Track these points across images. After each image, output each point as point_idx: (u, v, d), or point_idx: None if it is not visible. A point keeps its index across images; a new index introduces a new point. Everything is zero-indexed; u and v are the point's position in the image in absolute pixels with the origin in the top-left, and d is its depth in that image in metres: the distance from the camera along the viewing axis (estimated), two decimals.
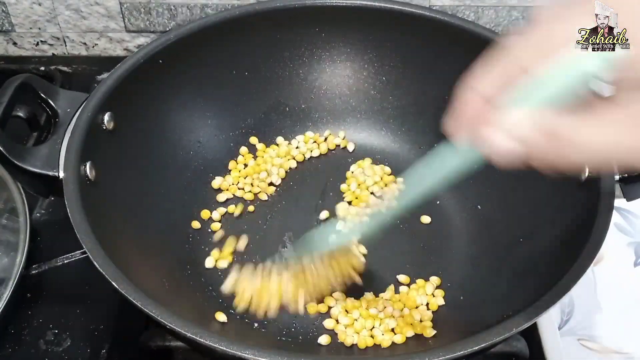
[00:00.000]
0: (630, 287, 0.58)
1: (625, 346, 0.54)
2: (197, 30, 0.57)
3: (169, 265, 0.52)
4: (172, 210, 0.56)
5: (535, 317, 0.39)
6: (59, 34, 0.75)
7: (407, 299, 0.52)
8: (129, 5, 0.72)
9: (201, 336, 0.38)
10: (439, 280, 0.54)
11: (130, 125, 0.53)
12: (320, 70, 0.63)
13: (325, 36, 0.62)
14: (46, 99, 0.50)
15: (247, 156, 0.62)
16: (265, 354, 0.37)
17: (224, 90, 0.61)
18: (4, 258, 0.52)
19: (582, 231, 0.44)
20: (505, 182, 0.56)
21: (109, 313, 0.51)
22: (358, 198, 0.59)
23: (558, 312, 0.55)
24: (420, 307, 0.52)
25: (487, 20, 0.73)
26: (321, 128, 0.64)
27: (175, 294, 0.49)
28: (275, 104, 0.63)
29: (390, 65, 0.62)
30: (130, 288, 0.40)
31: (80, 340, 0.49)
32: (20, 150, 0.46)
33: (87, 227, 0.43)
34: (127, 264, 0.43)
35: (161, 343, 0.49)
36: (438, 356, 0.37)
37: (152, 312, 0.39)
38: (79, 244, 0.42)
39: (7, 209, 0.54)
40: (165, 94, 0.57)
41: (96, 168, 0.48)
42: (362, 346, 0.49)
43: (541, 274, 0.46)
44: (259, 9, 0.59)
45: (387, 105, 0.63)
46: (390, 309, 0.51)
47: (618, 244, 0.60)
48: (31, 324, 0.50)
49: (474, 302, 0.52)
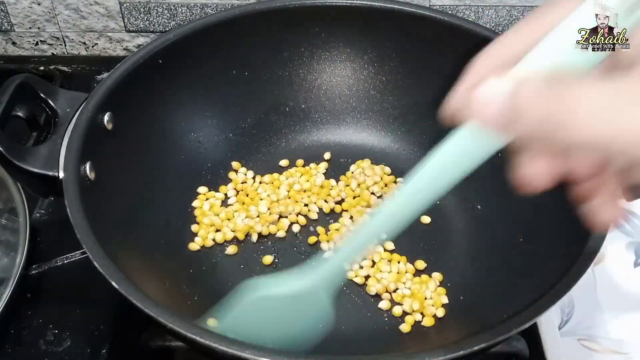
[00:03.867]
0: (630, 287, 0.58)
1: (625, 346, 0.54)
2: (197, 30, 0.57)
3: (169, 265, 0.52)
4: (172, 210, 0.56)
5: (535, 317, 0.39)
6: (59, 33, 0.75)
7: (413, 292, 0.53)
8: (129, 5, 0.72)
9: (201, 336, 0.38)
10: (441, 277, 0.54)
11: (130, 125, 0.53)
12: (320, 70, 0.63)
13: (325, 36, 0.62)
14: (46, 99, 0.50)
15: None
16: (265, 354, 0.37)
17: (224, 90, 0.61)
18: (4, 258, 0.52)
19: (582, 231, 0.44)
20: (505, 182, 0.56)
21: (109, 313, 0.51)
22: (359, 197, 0.59)
23: (558, 312, 0.55)
24: (427, 300, 0.53)
25: (487, 20, 0.73)
26: (321, 128, 0.64)
27: (176, 294, 0.49)
28: (275, 104, 0.63)
29: (390, 65, 0.62)
30: (130, 288, 0.40)
31: (80, 340, 0.49)
32: (20, 150, 0.46)
33: (87, 227, 0.43)
34: (127, 263, 0.43)
35: (161, 343, 0.48)
36: (438, 356, 0.37)
37: (152, 312, 0.39)
38: (79, 244, 0.42)
39: (7, 209, 0.54)
40: (165, 94, 0.57)
41: (96, 168, 0.48)
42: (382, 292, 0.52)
43: (541, 274, 0.46)
44: (259, 9, 0.59)
45: (387, 105, 0.63)
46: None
47: (618, 244, 0.60)
48: (31, 324, 0.50)
49: (474, 302, 0.52)
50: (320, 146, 0.64)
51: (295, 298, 0.41)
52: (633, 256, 0.60)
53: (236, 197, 0.60)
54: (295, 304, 0.41)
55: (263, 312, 0.41)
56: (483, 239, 0.56)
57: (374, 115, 0.64)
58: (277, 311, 0.41)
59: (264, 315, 0.41)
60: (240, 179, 0.61)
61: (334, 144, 0.64)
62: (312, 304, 0.41)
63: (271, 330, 0.42)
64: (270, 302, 0.41)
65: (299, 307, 0.41)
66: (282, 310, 0.41)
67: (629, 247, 0.61)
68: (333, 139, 0.64)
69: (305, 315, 0.42)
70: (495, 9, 0.72)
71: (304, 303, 0.41)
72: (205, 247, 0.56)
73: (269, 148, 0.63)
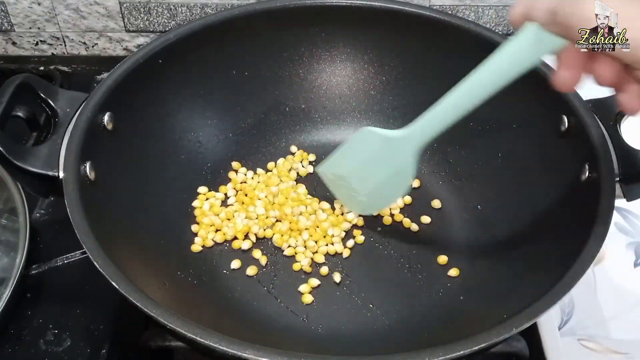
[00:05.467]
0: (630, 287, 0.58)
1: (625, 346, 0.54)
2: (197, 30, 0.57)
3: (169, 265, 0.52)
4: (172, 210, 0.56)
5: (535, 317, 0.39)
6: (59, 33, 0.75)
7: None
8: (129, 5, 0.72)
9: (201, 336, 0.38)
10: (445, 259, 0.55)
11: (130, 125, 0.53)
12: (320, 70, 0.63)
13: (325, 36, 0.62)
14: (46, 99, 0.50)
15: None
16: (265, 354, 0.37)
17: (224, 90, 0.61)
18: (4, 258, 0.52)
19: (582, 231, 0.44)
20: (505, 182, 0.57)
21: (109, 313, 0.51)
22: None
23: (558, 312, 0.55)
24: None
25: (487, 20, 0.73)
26: (321, 128, 0.64)
27: (175, 294, 0.49)
28: (275, 104, 0.63)
29: (390, 65, 0.62)
30: (130, 288, 0.40)
31: (80, 340, 0.49)
32: (20, 150, 0.46)
33: (87, 227, 0.43)
34: (127, 264, 0.43)
35: (161, 343, 0.49)
36: (438, 356, 0.37)
37: (152, 312, 0.39)
38: (79, 244, 0.42)
39: (7, 209, 0.54)
40: (165, 94, 0.57)
41: (96, 168, 0.48)
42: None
43: (541, 274, 0.46)
44: (259, 9, 0.59)
45: (387, 105, 0.63)
46: None
47: (618, 244, 0.60)
48: (31, 324, 0.50)
49: (473, 302, 0.52)
50: (321, 146, 0.64)
51: (387, 149, 0.51)
52: (633, 256, 0.60)
53: (235, 197, 0.60)
54: (386, 156, 0.52)
55: (360, 154, 0.54)
56: (483, 239, 0.56)
57: (374, 115, 0.64)
58: (370, 157, 0.53)
59: (359, 158, 0.54)
60: (240, 179, 0.61)
61: (334, 144, 0.64)
62: (399, 159, 0.51)
63: (360, 172, 0.54)
64: (368, 147, 0.53)
65: (388, 159, 0.52)
66: (375, 158, 0.53)
67: (629, 247, 0.61)
68: (333, 139, 0.64)
69: (391, 167, 0.52)
70: (495, 9, 0.72)
71: (394, 156, 0.51)
72: (206, 247, 0.56)
73: (269, 148, 0.63)
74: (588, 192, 0.47)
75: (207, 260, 0.55)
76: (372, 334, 0.51)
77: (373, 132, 0.52)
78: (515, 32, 0.40)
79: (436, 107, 0.46)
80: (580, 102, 0.50)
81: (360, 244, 0.57)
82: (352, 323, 0.51)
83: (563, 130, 0.51)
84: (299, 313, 0.52)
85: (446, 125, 0.47)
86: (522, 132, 0.56)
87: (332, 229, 0.57)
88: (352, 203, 0.58)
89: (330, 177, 0.57)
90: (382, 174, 0.53)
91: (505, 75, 0.41)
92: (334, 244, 0.56)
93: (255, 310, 0.52)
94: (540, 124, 0.54)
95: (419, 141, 0.49)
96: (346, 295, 0.53)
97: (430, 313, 0.52)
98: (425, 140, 0.49)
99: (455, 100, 0.45)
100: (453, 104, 0.45)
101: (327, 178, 0.58)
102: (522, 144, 0.54)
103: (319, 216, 0.58)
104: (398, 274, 0.55)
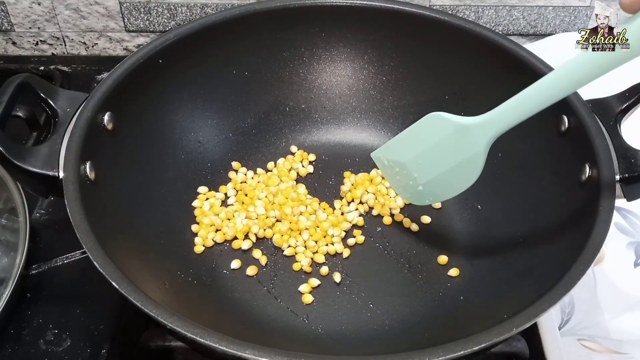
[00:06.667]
0: (630, 287, 0.58)
1: (625, 346, 0.54)
2: (197, 30, 0.57)
3: (169, 265, 0.52)
4: (172, 210, 0.56)
5: (535, 317, 0.39)
6: (59, 33, 0.75)
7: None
8: (129, 5, 0.72)
9: (201, 336, 0.38)
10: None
11: (130, 125, 0.53)
12: (320, 70, 0.63)
13: (325, 36, 0.62)
14: (46, 99, 0.50)
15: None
16: (265, 354, 0.37)
17: (224, 90, 0.61)
18: (4, 258, 0.52)
19: (582, 231, 0.44)
20: (505, 182, 0.57)
21: (109, 313, 0.51)
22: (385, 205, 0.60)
23: (558, 312, 0.55)
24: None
25: (487, 20, 0.73)
26: (321, 128, 0.64)
27: (175, 294, 0.49)
28: (275, 104, 0.63)
29: (390, 65, 0.62)
30: (130, 288, 0.40)
31: (80, 340, 0.49)
32: (20, 150, 0.46)
33: (87, 227, 0.43)
34: (127, 264, 0.43)
35: (161, 343, 0.49)
36: (438, 356, 0.37)
37: (152, 312, 0.39)
38: (79, 244, 0.42)
39: (7, 209, 0.54)
40: (165, 94, 0.57)
41: (96, 168, 0.48)
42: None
43: (541, 274, 0.46)
44: (259, 9, 0.59)
45: (387, 105, 0.64)
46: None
47: (618, 244, 0.60)
48: (31, 324, 0.50)
49: (473, 301, 0.52)
50: (321, 146, 0.64)
51: (459, 137, 0.48)
52: (633, 256, 0.60)
53: (235, 197, 0.60)
54: (456, 144, 0.48)
55: (425, 141, 0.50)
56: (483, 239, 0.56)
57: (374, 115, 0.64)
58: (438, 144, 0.50)
59: (423, 145, 0.51)
60: (240, 179, 0.61)
61: (334, 144, 0.64)
62: (470, 149, 0.48)
63: (422, 160, 0.51)
64: (436, 133, 0.49)
65: (458, 148, 0.48)
66: (442, 146, 0.49)
67: (629, 247, 0.61)
68: (333, 139, 0.64)
69: (460, 157, 0.49)
70: (495, 9, 0.72)
71: (464, 145, 0.48)
72: (206, 247, 0.56)
73: (269, 148, 0.63)
74: (588, 192, 0.47)
75: (207, 260, 0.55)
76: (372, 334, 0.51)
77: (444, 118, 0.49)
78: (627, 19, 0.37)
79: (517, 96, 0.44)
80: (580, 102, 0.50)
81: (361, 244, 0.57)
82: (352, 323, 0.51)
83: (563, 130, 0.51)
84: (299, 313, 0.52)
85: (526, 115, 0.44)
86: (522, 132, 0.56)
87: (332, 229, 0.57)
88: (407, 192, 0.55)
89: (385, 163, 0.55)
90: (448, 163, 0.50)
91: (596, 71, 0.39)
92: (334, 244, 0.56)
93: (255, 310, 0.52)
94: (540, 124, 0.54)
95: (495, 130, 0.46)
96: (346, 295, 0.53)
97: (430, 313, 0.52)
98: (502, 130, 0.46)
99: (541, 90, 0.42)
100: (539, 93, 0.42)
101: (382, 164, 0.55)
102: (522, 143, 0.54)
103: (319, 216, 0.58)
104: (398, 274, 0.55)
